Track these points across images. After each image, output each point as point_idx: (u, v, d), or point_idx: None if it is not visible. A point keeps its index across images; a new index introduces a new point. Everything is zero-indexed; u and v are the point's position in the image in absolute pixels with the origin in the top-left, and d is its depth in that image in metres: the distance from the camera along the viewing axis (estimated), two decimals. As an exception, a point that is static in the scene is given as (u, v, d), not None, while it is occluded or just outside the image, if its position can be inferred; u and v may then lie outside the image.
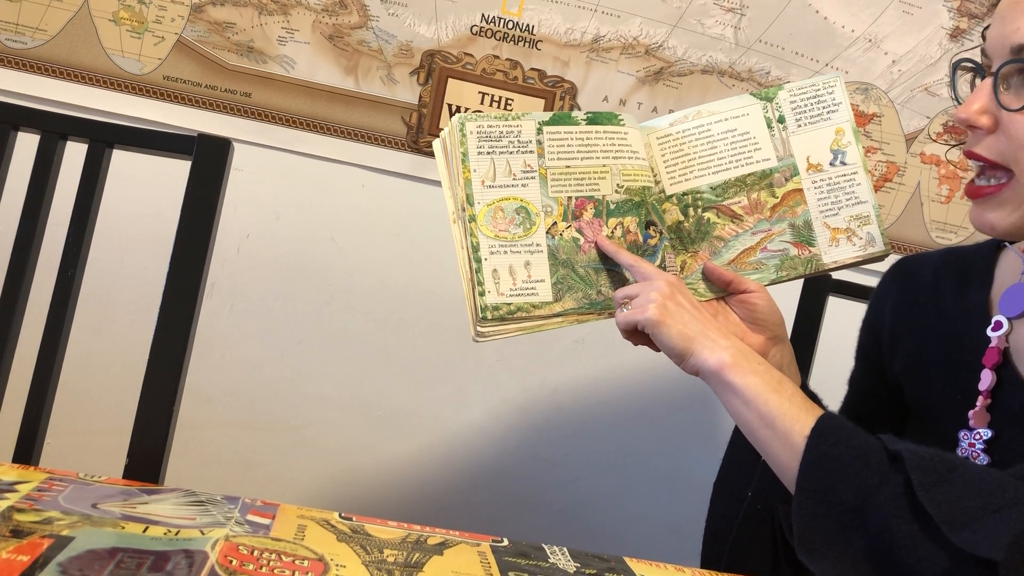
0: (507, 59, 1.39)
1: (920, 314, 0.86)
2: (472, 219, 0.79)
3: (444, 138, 0.81)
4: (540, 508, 1.50)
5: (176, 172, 0.90)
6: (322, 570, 0.53)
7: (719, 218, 0.84)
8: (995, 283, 0.81)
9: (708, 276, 0.82)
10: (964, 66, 0.77)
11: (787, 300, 0.92)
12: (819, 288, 1.11)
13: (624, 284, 0.80)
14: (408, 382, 1.44)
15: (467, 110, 1.38)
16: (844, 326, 1.02)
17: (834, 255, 0.84)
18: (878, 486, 0.61)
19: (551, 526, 1.50)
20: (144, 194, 1.31)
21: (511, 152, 0.80)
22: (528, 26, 1.38)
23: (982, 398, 0.76)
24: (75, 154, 0.92)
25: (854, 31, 1.44)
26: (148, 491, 0.64)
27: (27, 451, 0.86)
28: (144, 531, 0.54)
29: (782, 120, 0.85)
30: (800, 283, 1.11)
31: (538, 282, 0.79)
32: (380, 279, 1.42)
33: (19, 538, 0.49)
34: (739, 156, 0.84)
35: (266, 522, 0.60)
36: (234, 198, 1.02)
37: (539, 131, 0.81)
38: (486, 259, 0.78)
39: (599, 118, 0.83)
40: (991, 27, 0.73)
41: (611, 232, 0.81)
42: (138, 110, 1.33)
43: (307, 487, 1.44)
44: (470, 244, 0.78)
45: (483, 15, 1.37)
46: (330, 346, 1.42)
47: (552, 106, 1.40)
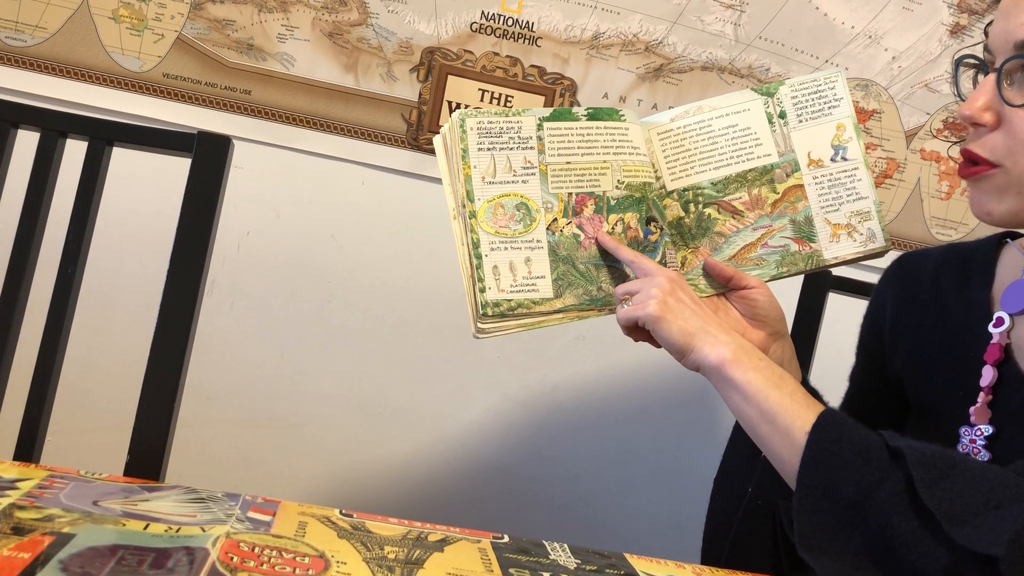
0: (507, 56, 1.39)
1: (921, 310, 0.86)
2: (472, 215, 0.79)
3: (444, 134, 0.81)
4: (541, 505, 1.50)
5: (176, 170, 0.90)
6: (323, 567, 0.53)
7: (720, 214, 0.84)
8: (996, 279, 0.81)
9: (709, 272, 0.82)
10: (967, 62, 0.77)
11: (788, 296, 0.92)
12: (820, 284, 1.11)
13: (625, 280, 0.80)
14: (408, 379, 1.44)
15: (467, 107, 1.38)
16: (845, 322, 1.02)
17: (835, 251, 0.83)
18: (879, 482, 0.61)
19: (552, 523, 1.50)
20: (144, 192, 1.31)
21: (511, 148, 0.80)
22: (528, 23, 1.38)
23: (983, 394, 0.76)
24: (75, 152, 0.92)
25: (854, 27, 1.44)
26: (149, 488, 0.63)
27: (28, 449, 0.86)
28: (145, 528, 0.54)
29: (783, 116, 0.85)
30: (801, 279, 1.11)
31: (538, 278, 0.79)
32: (380, 276, 1.42)
33: (20, 535, 0.49)
34: (740, 152, 0.84)
35: (267, 519, 0.60)
36: (234, 196, 1.02)
37: (539, 127, 0.81)
38: (486, 255, 0.78)
39: (600, 114, 0.82)
40: (994, 23, 0.72)
41: (612, 228, 0.81)
42: (138, 108, 1.33)
43: (308, 484, 1.44)
44: (470, 240, 0.78)
45: (483, 12, 1.37)
46: (330, 343, 1.42)
47: (552, 103, 1.40)
